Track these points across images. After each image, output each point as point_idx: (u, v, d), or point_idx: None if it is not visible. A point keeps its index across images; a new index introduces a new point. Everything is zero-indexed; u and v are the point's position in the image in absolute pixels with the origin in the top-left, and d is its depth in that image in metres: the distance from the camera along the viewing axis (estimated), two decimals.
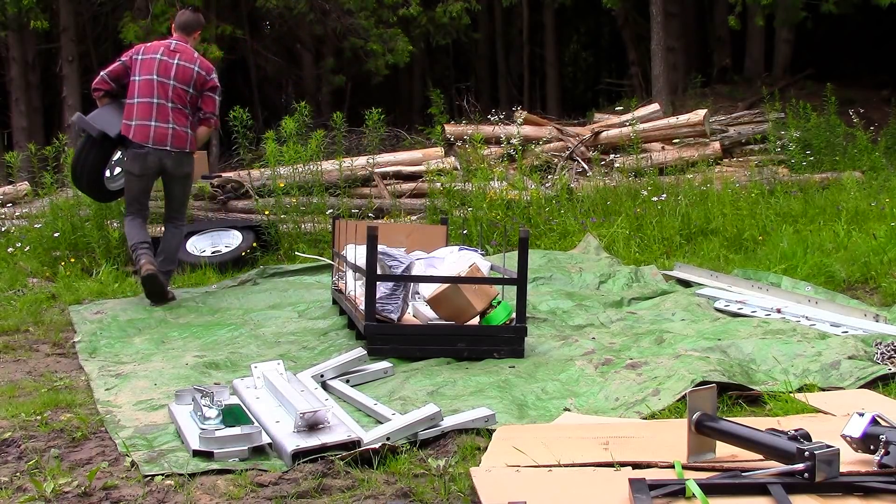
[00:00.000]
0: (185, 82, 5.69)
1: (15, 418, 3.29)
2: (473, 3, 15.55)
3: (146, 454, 2.84)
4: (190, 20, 5.91)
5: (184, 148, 5.70)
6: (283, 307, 5.50)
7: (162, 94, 5.64)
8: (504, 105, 15.59)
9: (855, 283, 5.80)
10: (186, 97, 5.69)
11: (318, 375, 3.63)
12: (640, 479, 2.30)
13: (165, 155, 5.65)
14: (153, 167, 5.69)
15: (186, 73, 5.69)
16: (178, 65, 5.69)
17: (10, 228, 8.42)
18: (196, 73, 5.71)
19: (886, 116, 12.08)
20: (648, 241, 7.20)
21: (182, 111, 5.69)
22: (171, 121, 5.64)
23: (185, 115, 5.70)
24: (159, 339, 4.79)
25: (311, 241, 7.81)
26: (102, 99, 5.87)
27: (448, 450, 2.87)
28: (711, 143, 9.62)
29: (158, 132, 5.61)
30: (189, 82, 5.69)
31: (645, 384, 3.42)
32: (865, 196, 7.85)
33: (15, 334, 5.07)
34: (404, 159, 9.40)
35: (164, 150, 5.63)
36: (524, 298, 4.12)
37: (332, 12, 14.74)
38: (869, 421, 2.44)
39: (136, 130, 5.61)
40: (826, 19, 13.74)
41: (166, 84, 5.65)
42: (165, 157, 5.66)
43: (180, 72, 5.68)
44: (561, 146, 10.04)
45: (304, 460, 2.74)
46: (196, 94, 5.74)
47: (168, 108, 5.63)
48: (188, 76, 5.69)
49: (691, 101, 13.84)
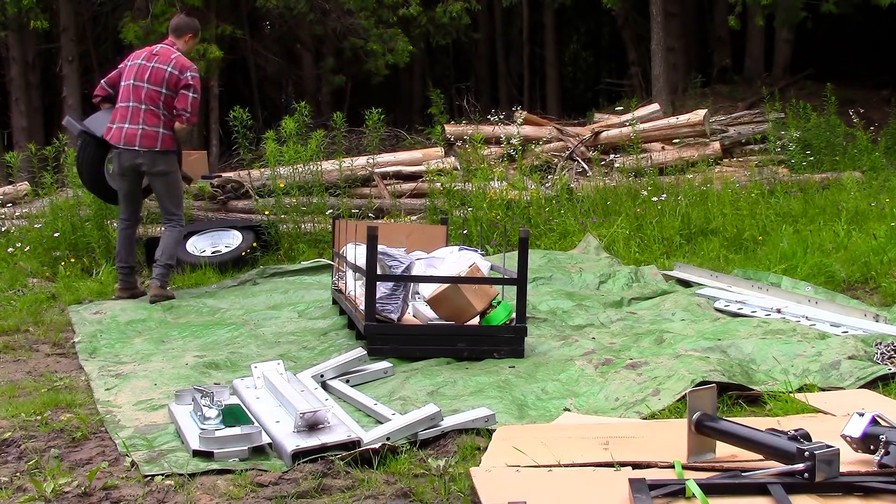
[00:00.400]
0: (157, 83, 5.90)
1: (15, 418, 3.29)
2: (473, 3, 15.55)
3: (146, 454, 2.84)
4: (180, 23, 6.19)
5: (153, 147, 5.88)
6: (283, 307, 5.50)
7: (136, 97, 5.92)
8: (504, 105, 15.59)
9: (855, 283, 5.80)
10: (159, 98, 5.89)
11: (318, 375, 3.63)
12: (640, 479, 2.30)
13: (136, 154, 5.88)
14: (127, 166, 5.94)
15: (159, 74, 5.91)
16: (152, 67, 5.94)
17: (10, 228, 8.42)
18: (168, 74, 5.90)
19: (886, 116, 12.08)
20: (648, 241, 7.20)
21: (153, 111, 5.89)
22: (140, 122, 5.88)
23: (156, 115, 5.90)
24: (159, 339, 4.79)
25: (311, 241, 7.81)
26: (102, 104, 6.23)
27: (448, 450, 2.87)
28: (711, 143, 9.62)
29: (129, 133, 5.88)
30: (161, 83, 5.90)
31: (645, 384, 3.42)
32: (865, 196, 7.85)
33: (15, 334, 5.07)
34: (404, 159, 9.40)
35: (134, 150, 5.88)
36: (524, 298, 4.12)
37: (332, 12, 14.75)
38: (869, 421, 2.44)
39: (113, 133, 5.93)
40: (826, 19, 13.74)
41: (140, 87, 5.92)
42: (137, 157, 5.89)
43: (153, 74, 5.92)
44: (561, 146, 10.04)
45: (304, 460, 2.74)
46: (171, 93, 5.92)
47: (141, 109, 5.89)
48: (160, 77, 5.90)
49: (691, 101, 13.84)
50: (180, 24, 6.16)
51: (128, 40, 12.98)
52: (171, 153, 5.98)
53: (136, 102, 5.90)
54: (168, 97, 5.90)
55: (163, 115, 5.89)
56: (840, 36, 16.77)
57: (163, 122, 5.89)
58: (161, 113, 5.89)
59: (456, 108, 14.78)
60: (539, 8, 20.41)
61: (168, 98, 5.90)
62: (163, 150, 5.90)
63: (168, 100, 5.90)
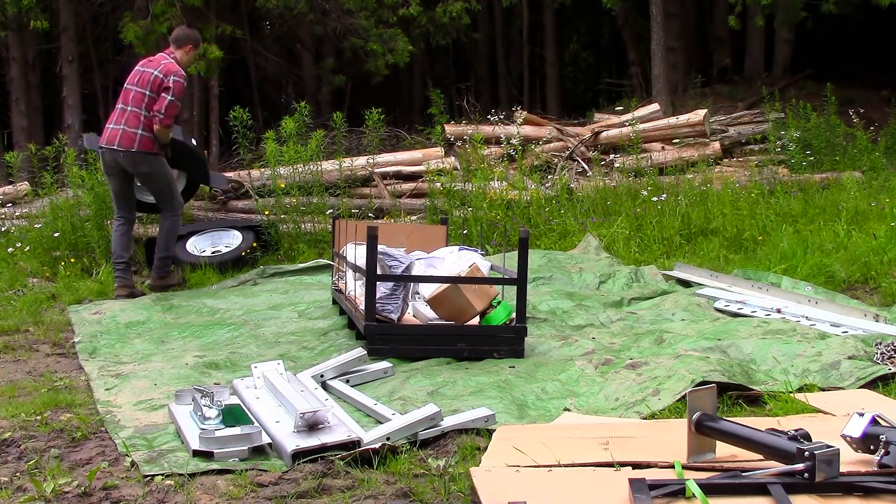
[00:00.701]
0: (142, 86, 6.07)
1: (15, 418, 3.29)
2: (473, 3, 15.53)
3: (146, 454, 2.84)
4: (180, 35, 6.37)
5: (130, 147, 6.02)
6: (283, 307, 5.50)
7: (125, 100, 6.13)
8: (504, 105, 15.57)
9: (855, 283, 5.80)
10: (143, 100, 6.04)
11: (318, 375, 3.63)
12: (640, 479, 2.30)
13: (117, 154, 6.05)
14: (111, 164, 6.13)
15: (145, 77, 6.08)
16: (143, 72, 6.13)
17: (10, 228, 8.41)
18: (154, 77, 6.05)
19: (886, 116, 12.07)
20: (648, 241, 7.20)
21: (136, 113, 6.05)
22: (123, 123, 6.06)
23: (138, 117, 6.04)
24: (159, 339, 4.79)
25: (311, 241, 7.81)
26: None
27: (448, 450, 2.87)
28: (711, 143, 9.61)
29: (111, 133, 6.09)
30: (146, 86, 6.06)
31: (645, 384, 3.42)
32: (865, 196, 7.84)
33: (15, 334, 5.08)
34: (404, 159, 9.40)
35: (113, 150, 6.05)
36: (524, 298, 4.12)
37: (332, 12, 14.73)
38: (869, 421, 2.44)
39: (103, 133, 6.20)
40: (826, 19, 13.73)
41: (129, 90, 6.13)
42: (118, 157, 6.06)
43: (142, 78, 6.10)
44: (561, 146, 10.04)
45: (304, 460, 2.74)
46: (154, 96, 6.05)
47: (126, 111, 6.08)
48: (146, 80, 6.07)
49: (691, 101, 13.82)
50: (180, 36, 6.33)
51: (128, 40, 12.96)
52: (150, 154, 6.09)
53: (124, 104, 6.10)
54: (151, 99, 6.04)
55: (143, 118, 6.04)
56: (840, 36, 16.76)
57: (143, 123, 6.04)
58: (143, 115, 6.05)
59: (456, 108, 14.77)
60: (539, 8, 20.39)
61: (151, 101, 6.04)
62: (140, 150, 6.04)
63: (151, 102, 6.04)
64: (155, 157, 6.11)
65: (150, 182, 6.24)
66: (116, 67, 17.32)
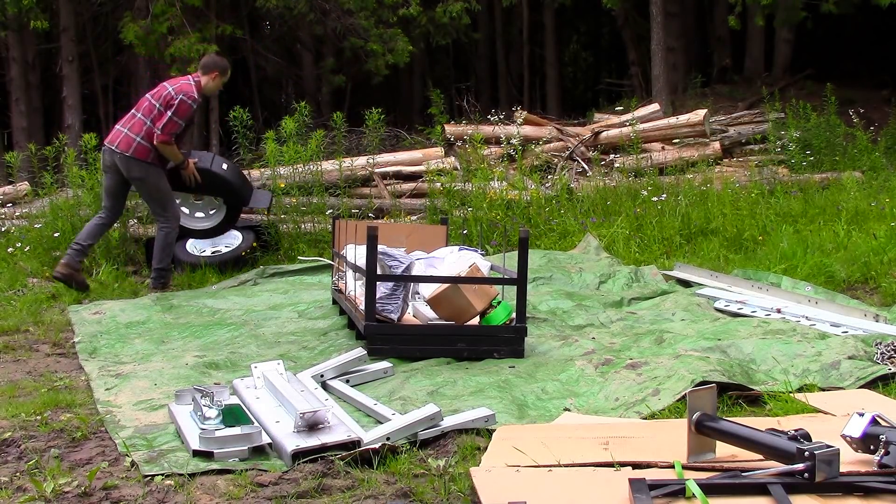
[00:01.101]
0: (156, 99, 6.26)
1: (15, 418, 3.29)
2: (473, 3, 15.53)
3: (146, 454, 2.84)
4: (207, 62, 6.56)
5: (125, 151, 6.16)
6: (283, 307, 5.50)
7: (137, 107, 6.35)
8: (504, 105, 15.58)
9: (855, 283, 5.80)
10: (152, 112, 6.22)
11: (318, 375, 3.63)
12: (640, 479, 2.30)
13: (113, 154, 6.22)
14: (108, 163, 6.29)
15: (161, 91, 6.29)
16: (163, 86, 6.35)
17: (10, 228, 8.41)
18: (167, 93, 6.24)
19: (886, 116, 12.08)
20: (648, 241, 7.20)
21: (141, 122, 6.22)
22: (127, 127, 6.25)
23: (142, 125, 6.21)
24: (159, 339, 4.79)
25: (311, 241, 7.81)
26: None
27: (448, 450, 2.87)
28: (711, 143, 9.62)
29: (114, 134, 6.30)
30: (158, 99, 6.25)
31: (645, 384, 3.42)
32: (865, 196, 7.85)
33: (15, 334, 5.07)
34: (404, 159, 9.39)
35: (111, 150, 6.23)
36: (524, 298, 4.12)
37: (332, 12, 14.73)
38: (869, 421, 2.44)
39: (108, 133, 6.44)
40: (826, 19, 13.73)
41: (144, 100, 6.35)
42: (115, 157, 6.22)
43: (159, 91, 6.31)
44: (561, 146, 10.04)
45: (304, 460, 2.74)
46: (162, 110, 6.21)
47: (135, 117, 6.27)
48: (160, 94, 6.27)
49: (691, 101, 13.83)
50: (208, 62, 6.51)
51: (128, 40, 12.98)
52: (143, 162, 6.19)
53: (135, 111, 6.31)
54: (159, 113, 6.19)
55: (146, 127, 6.20)
56: (840, 36, 16.76)
57: (144, 133, 6.19)
58: (147, 125, 6.20)
59: (456, 108, 14.77)
60: (539, 8, 20.39)
61: (158, 114, 6.19)
62: (134, 157, 6.17)
63: (158, 116, 6.18)
64: (150, 166, 6.22)
65: (142, 189, 6.40)
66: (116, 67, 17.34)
